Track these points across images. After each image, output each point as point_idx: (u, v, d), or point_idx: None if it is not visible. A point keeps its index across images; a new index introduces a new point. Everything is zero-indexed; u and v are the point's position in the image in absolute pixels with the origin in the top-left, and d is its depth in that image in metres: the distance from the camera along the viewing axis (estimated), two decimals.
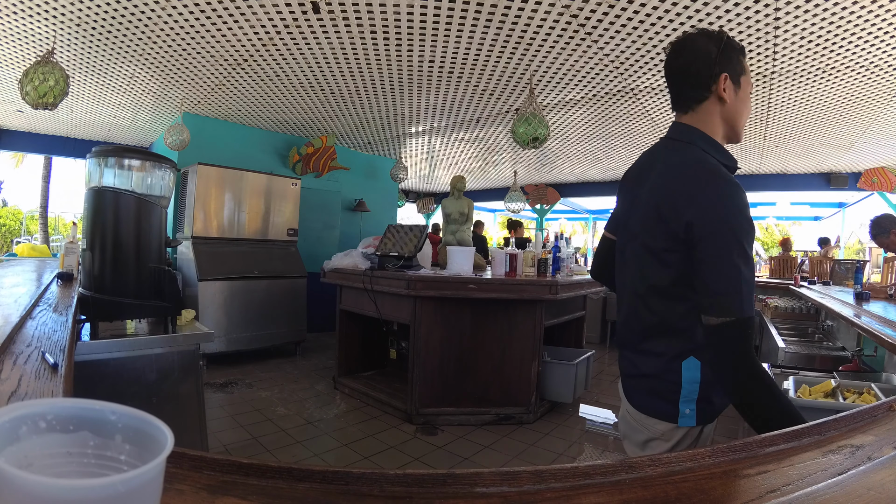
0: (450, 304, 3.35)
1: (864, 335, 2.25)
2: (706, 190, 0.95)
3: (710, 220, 0.93)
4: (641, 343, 1.11)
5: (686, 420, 1.04)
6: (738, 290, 0.90)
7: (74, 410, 0.36)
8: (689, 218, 0.94)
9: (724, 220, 0.92)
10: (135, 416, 0.37)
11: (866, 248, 20.05)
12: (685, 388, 1.03)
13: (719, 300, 0.91)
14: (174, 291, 1.94)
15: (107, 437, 0.37)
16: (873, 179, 6.46)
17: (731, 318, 0.90)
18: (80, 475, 0.35)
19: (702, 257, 0.93)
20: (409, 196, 11.00)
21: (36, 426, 0.34)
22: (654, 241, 1.03)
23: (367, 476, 0.58)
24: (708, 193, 0.95)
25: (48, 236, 13.56)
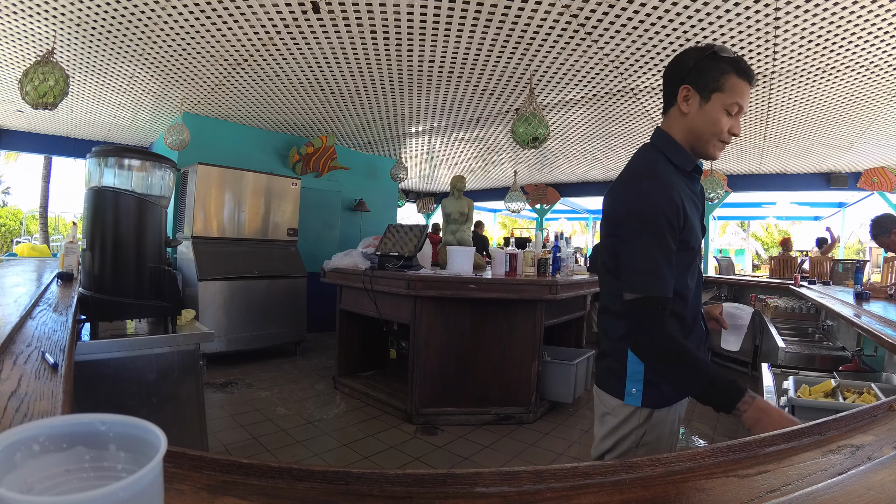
0: (450, 304, 3.35)
1: (864, 335, 2.25)
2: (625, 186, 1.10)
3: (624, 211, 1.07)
4: (601, 324, 1.21)
5: (632, 399, 1.12)
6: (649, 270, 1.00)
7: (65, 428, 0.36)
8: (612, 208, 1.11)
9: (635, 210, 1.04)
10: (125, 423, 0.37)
11: (866, 248, 20.06)
12: (630, 367, 1.12)
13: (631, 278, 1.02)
14: (174, 291, 1.94)
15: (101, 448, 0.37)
16: (873, 179, 6.46)
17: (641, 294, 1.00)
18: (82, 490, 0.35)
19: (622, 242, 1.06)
20: (409, 196, 11.00)
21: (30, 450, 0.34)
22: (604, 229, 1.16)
23: (367, 476, 0.58)
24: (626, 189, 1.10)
25: (48, 236, 13.57)
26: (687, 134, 1.11)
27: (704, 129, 1.08)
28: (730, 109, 1.06)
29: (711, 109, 1.06)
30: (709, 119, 1.07)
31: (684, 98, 1.09)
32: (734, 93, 1.05)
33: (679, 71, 1.09)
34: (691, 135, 1.11)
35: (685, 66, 1.08)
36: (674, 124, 1.13)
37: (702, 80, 1.06)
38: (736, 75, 1.05)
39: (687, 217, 1.06)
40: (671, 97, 1.12)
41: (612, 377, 1.17)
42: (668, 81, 1.13)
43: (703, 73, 1.06)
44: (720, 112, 1.06)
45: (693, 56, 1.08)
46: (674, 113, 1.13)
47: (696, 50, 1.08)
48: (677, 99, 1.10)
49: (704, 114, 1.07)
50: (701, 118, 1.08)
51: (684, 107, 1.09)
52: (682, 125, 1.11)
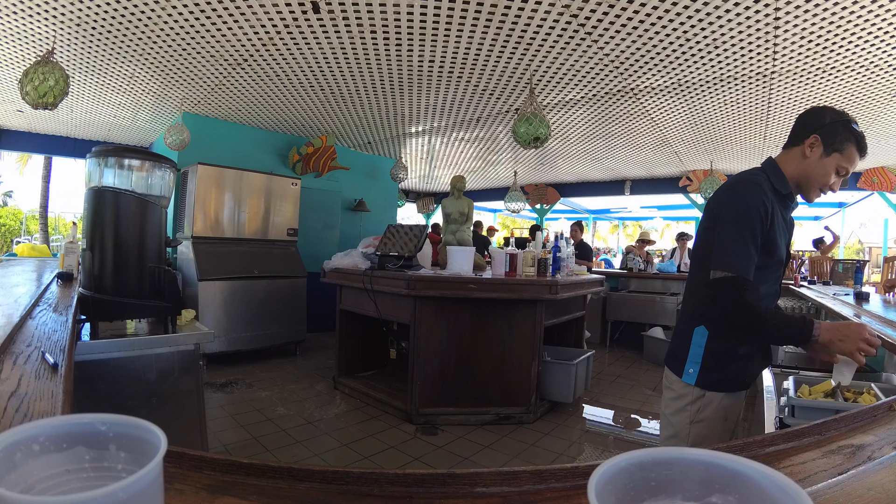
0: (450, 304, 3.35)
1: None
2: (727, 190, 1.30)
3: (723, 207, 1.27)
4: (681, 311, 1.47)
5: (688, 377, 1.32)
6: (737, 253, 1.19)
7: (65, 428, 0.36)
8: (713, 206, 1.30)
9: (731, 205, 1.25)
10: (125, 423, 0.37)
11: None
12: (692, 350, 1.32)
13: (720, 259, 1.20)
14: (174, 291, 1.94)
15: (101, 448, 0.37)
16: (873, 179, 6.46)
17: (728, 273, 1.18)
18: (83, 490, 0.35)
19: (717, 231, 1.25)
20: (409, 196, 11.00)
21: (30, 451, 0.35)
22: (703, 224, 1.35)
23: (367, 476, 0.58)
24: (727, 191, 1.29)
25: (48, 236, 13.57)
26: (800, 173, 1.30)
27: (816, 177, 1.28)
28: (840, 170, 1.27)
29: (828, 163, 1.26)
30: (823, 170, 1.27)
31: (811, 145, 1.27)
32: (849, 159, 1.26)
33: (815, 121, 1.29)
34: (803, 175, 1.30)
35: (821, 120, 1.28)
36: (791, 161, 1.32)
37: (830, 138, 1.25)
38: (855, 147, 1.25)
39: (773, 225, 1.24)
40: (798, 139, 1.31)
41: (676, 357, 1.37)
42: (800, 125, 1.32)
43: (833, 133, 1.25)
44: (832, 168, 1.26)
45: (830, 115, 1.28)
46: (795, 152, 1.31)
47: (835, 112, 1.29)
48: (804, 143, 1.28)
49: (822, 164, 1.26)
50: (817, 167, 1.27)
51: (808, 151, 1.28)
52: (799, 165, 1.30)
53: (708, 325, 1.31)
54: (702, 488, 0.40)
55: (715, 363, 1.29)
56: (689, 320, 1.36)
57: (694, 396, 1.31)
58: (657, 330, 5.61)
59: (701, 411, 1.31)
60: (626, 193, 8.47)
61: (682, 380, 1.33)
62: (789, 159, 1.32)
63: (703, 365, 1.30)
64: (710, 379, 1.30)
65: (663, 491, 0.40)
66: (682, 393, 1.34)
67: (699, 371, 1.30)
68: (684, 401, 1.33)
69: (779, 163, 1.34)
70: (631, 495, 0.39)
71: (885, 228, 9.15)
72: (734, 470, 0.39)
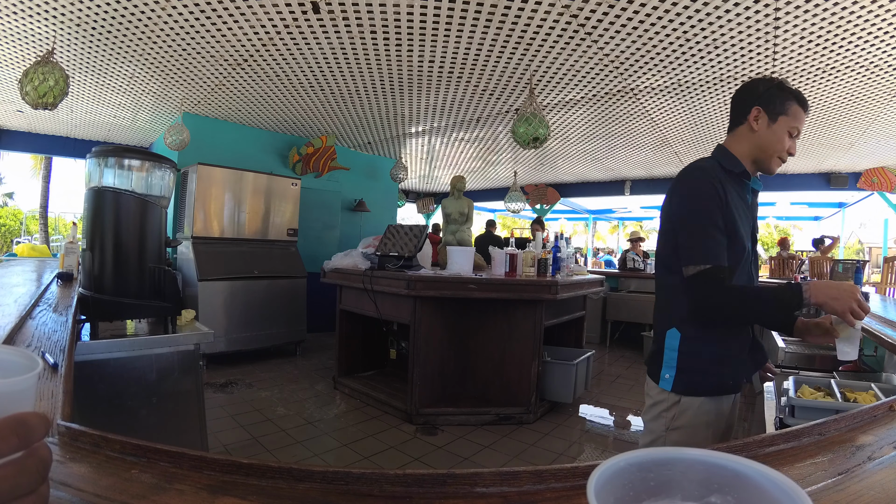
0: (450, 304, 3.35)
1: (863, 335, 2.24)
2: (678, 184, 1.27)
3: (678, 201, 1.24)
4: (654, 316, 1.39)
5: (664, 383, 1.26)
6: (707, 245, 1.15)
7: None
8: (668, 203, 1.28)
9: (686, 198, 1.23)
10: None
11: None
12: (666, 354, 1.26)
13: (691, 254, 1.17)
14: (174, 291, 1.93)
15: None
16: (873, 179, 6.46)
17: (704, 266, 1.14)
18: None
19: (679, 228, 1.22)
20: (409, 196, 11.00)
21: None
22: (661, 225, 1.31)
23: (367, 476, 0.58)
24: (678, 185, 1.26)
25: (48, 236, 13.57)
26: (753, 149, 1.27)
27: (770, 146, 1.25)
28: (791, 132, 1.24)
29: (778, 129, 1.24)
30: (775, 137, 1.24)
31: (755, 118, 1.24)
32: (795, 117, 1.23)
33: (751, 95, 1.26)
34: (757, 149, 1.26)
35: (756, 92, 1.26)
36: (740, 141, 1.29)
37: (771, 104, 1.23)
38: (797, 104, 1.23)
39: (730, 207, 1.19)
40: (740, 117, 1.28)
41: (653, 362, 1.31)
42: (738, 103, 1.30)
43: (771, 99, 1.23)
44: (784, 132, 1.24)
45: (763, 84, 1.26)
46: (741, 131, 1.28)
47: (765, 80, 1.27)
48: (748, 118, 1.26)
49: (772, 132, 1.24)
50: (768, 136, 1.24)
51: (755, 125, 1.25)
52: (750, 141, 1.27)
53: (680, 328, 1.24)
54: (701, 488, 0.40)
55: (691, 366, 1.23)
56: (660, 324, 1.31)
57: (670, 402, 1.25)
58: None
59: (677, 418, 1.24)
60: (626, 193, 8.47)
61: (658, 386, 1.28)
62: (738, 140, 1.29)
63: (678, 369, 1.24)
64: (686, 383, 1.24)
65: (663, 491, 0.40)
66: (658, 399, 1.28)
67: (675, 376, 1.24)
68: (660, 407, 1.27)
69: (728, 147, 1.31)
70: (630, 495, 0.39)
71: (885, 228, 9.15)
72: (734, 470, 0.39)
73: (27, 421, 0.34)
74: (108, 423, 1.67)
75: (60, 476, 0.56)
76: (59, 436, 0.67)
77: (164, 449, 0.61)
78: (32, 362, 0.38)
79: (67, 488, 0.54)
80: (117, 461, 0.61)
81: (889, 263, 5.81)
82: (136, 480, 0.56)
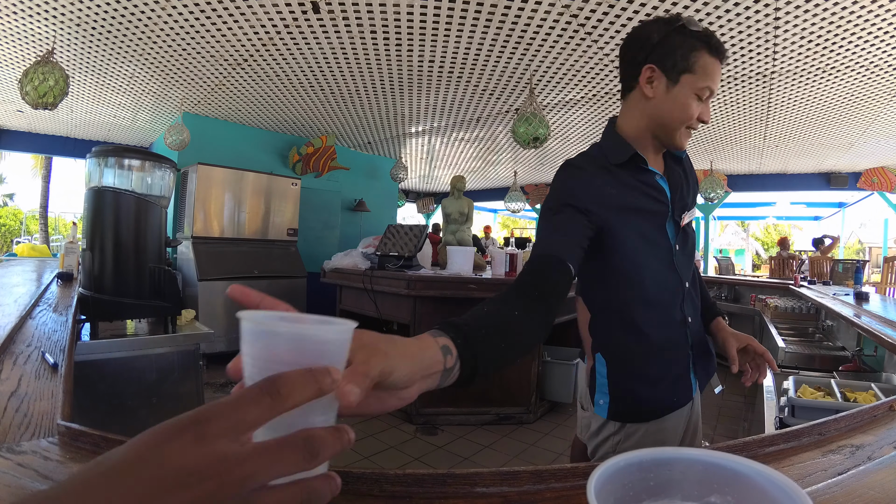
0: (450, 304, 3.35)
1: (864, 335, 2.25)
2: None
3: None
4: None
5: (599, 409, 1.05)
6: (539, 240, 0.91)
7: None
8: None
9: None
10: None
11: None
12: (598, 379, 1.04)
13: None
14: (174, 291, 1.94)
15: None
16: (873, 179, 6.47)
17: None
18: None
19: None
20: (409, 196, 11.00)
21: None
22: None
23: (367, 476, 0.58)
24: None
25: (48, 236, 13.58)
26: (649, 121, 0.96)
27: (672, 116, 0.93)
28: (700, 94, 0.91)
29: (680, 93, 0.91)
30: (677, 104, 0.91)
31: (648, 80, 0.92)
32: (706, 74, 0.90)
33: (641, 48, 0.92)
34: (654, 122, 0.95)
35: (648, 43, 0.91)
36: (632, 112, 0.98)
37: (669, 59, 0.89)
38: (708, 53, 0.89)
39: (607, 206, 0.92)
40: (631, 79, 0.96)
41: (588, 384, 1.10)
42: (626, 60, 0.97)
43: (670, 51, 0.89)
44: (690, 97, 0.91)
45: (657, 30, 0.91)
46: (634, 97, 0.96)
47: (661, 22, 0.91)
48: (639, 81, 0.93)
49: (672, 98, 0.91)
50: (668, 103, 0.92)
51: (648, 90, 0.93)
52: (644, 111, 0.95)
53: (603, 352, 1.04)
54: (701, 488, 0.40)
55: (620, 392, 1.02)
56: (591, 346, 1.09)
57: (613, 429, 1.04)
58: None
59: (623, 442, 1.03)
60: None
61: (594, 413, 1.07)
62: (630, 110, 0.98)
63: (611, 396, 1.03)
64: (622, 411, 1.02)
65: (662, 491, 0.40)
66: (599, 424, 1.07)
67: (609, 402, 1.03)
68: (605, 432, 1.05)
69: (618, 123, 1.01)
70: (630, 495, 0.39)
71: (885, 228, 9.16)
72: (733, 470, 0.39)
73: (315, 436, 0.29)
74: (108, 423, 1.67)
75: (60, 476, 0.56)
76: (59, 436, 0.67)
77: None
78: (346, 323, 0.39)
79: None
80: None
81: (889, 263, 5.82)
82: None
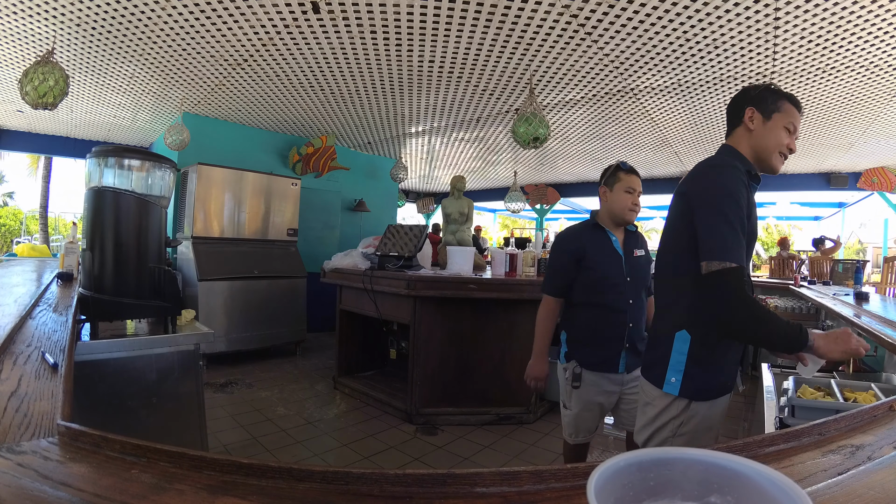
0: (450, 304, 3.35)
1: (863, 335, 2.25)
2: (702, 175, 1.23)
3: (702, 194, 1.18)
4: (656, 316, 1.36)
5: (670, 388, 1.23)
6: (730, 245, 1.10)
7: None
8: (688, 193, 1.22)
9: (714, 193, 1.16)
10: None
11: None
12: (673, 357, 1.22)
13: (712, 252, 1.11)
14: (174, 291, 1.94)
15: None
16: (873, 179, 6.46)
17: (725, 266, 1.09)
18: None
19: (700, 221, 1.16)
20: (409, 196, 11.00)
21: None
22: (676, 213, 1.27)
23: (367, 476, 0.58)
24: (703, 176, 1.22)
25: (48, 236, 13.57)
26: (754, 147, 1.28)
27: (769, 143, 1.26)
28: (788, 127, 1.25)
29: (773, 126, 1.26)
30: (772, 133, 1.26)
31: (749, 118, 1.27)
32: (790, 114, 1.25)
33: (743, 99, 1.30)
34: (758, 147, 1.28)
35: (748, 95, 1.29)
36: (740, 142, 1.30)
37: (763, 104, 1.26)
38: (789, 102, 1.26)
39: (751, 209, 1.20)
40: (736, 120, 1.31)
41: (656, 366, 1.27)
42: (733, 108, 1.33)
43: (763, 98, 1.27)
44: (781, 128, 1.25)
45: (754, 89, 1.30)
46: (739, 133, 1.30)
47: (755, 86, 1.30)
48: (743, 119, 1.28)
49: (768, 129, 1.26)
50: (766, 133, 1.26)
51: (750, 124, 1.27)
52: (749, 141, 1.28)
53: (690, 330, 1.21)
54: (701, 488, 0.40)
55: (699, 370, 1.20)
56: (665, 326, 1.27)
57: (679, 408, 1.22)
58: None
59: (685, 424, 1.21)
60: None
61: (663, 391, 1.24)
62: (737, 142, 1.30)
63: (685, 373, 1.20)
64: (694, 388, 1.21)
65: (662, 491, 0.40)
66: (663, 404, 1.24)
67: (682, 380, 1.21)
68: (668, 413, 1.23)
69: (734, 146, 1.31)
70: (630, 495, 0.39)
71: (885, 228, 9.15)
72: (733, 470, 0.39)
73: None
74: (108, 423, 1.67)
75: (60, 476, 0.56)
76: (59, 436, 0.67)
77: (164, 449, 0.61)
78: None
79: (67, 488, 0.54)
80: (117, 461, 0.61)
81: (889, 263, 5.81)
82: (136, 480, 0.56)
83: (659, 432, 1.24)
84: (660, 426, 1.24)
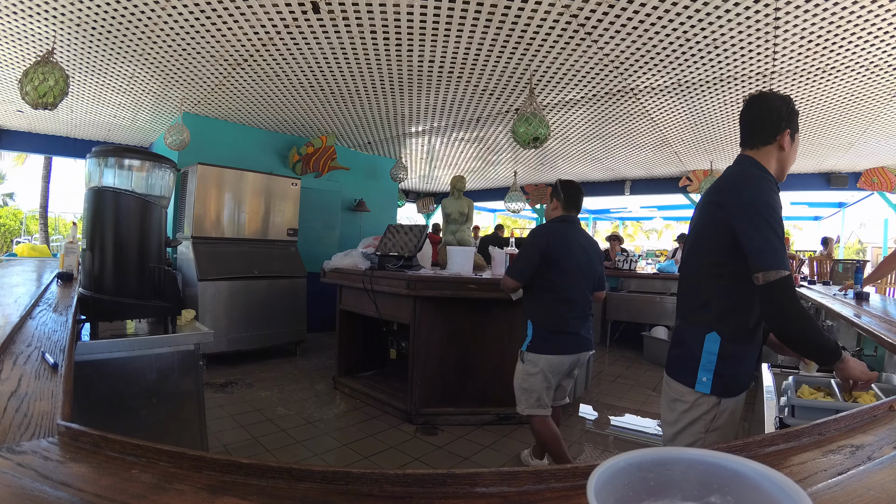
0: (450, 304, 3.35)
1: (864, 335, 2.24)
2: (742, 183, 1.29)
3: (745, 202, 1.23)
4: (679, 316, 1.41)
5: (702, 386, 1.29)
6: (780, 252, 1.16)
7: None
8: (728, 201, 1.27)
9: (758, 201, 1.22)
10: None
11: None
12: (704, 357, 1.29)
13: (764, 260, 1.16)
14: (174, 291, 1.94)
15: None
16: (873, 179, 6.46)
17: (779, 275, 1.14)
18: None
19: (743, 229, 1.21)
20: (409, 196, 11.00)
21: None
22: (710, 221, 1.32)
23: (367, 476, 0.58)
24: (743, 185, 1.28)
25: (48, 236, 13.56)
26: (780, 164, 1.37)
27: (792, 160, 1.39)
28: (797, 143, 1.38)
29: (797, 145, 1.38)
30: (794, 152, 1.38)
31: (787, 141, 1.34)
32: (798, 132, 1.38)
33: (779, 117, 1.33)
34: (783, 164, 1.38)
35: (781, 114, 1.33)
36: (768, 158, 1.35)
37: (793, 125, 1.34)
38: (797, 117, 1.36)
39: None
40: (770, 137, 1.34)
41: (685, 365, 1.33)
42: (764, 122, 1.35)
43: (792, 119, 1.34)
44: (797, 145, 1.38)
45: (785, 104, 1.34)
46: (770, 150, 1.35)
47: (783, 99, 1.34)
48: (779, 140, 1.33)
49: (793, 149, 1.37)
50: (791, 152, 1.36)
51: (786, 146, 1.34)
52: (779, 159, 1.36)
53: (720, 331, 1.28)
54: (701, 488, 0.40)
55: (728, 369, 1.28)
56: (695, 327, 1.33)
57: (710, 405, 1.30)
58: (660, 330, 5.60)
59: (717, 419, 1.29)
60: (625, 193, 8.47)
61: (695, 389, 1.31)
62: (766, 157, 1.36)
63: (716, 372, 1.28)
64: (725, 385, 1.29)
65: (662, 491, 0.40)
66: (696, 403, 1.31)
67: (713, 378, 1.28)
68: (699, 410, 1.30)
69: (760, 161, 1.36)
70: (630, 495, 0.39)
71: (885, 228, 9.15)
72: (734, 470, 0.39)
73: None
74: (108, 423, 1.67)
75: (60, 476, 0.56)
76: (59, 436, 0.67)
77: (164, 449, 0.61)
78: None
79: (67, 488, 0.54)
80: (117, 461, 0.61)
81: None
82: (136, 480, 0.57)
83: (690, 427, 1.31)
84: (690, 422, 1.31)
